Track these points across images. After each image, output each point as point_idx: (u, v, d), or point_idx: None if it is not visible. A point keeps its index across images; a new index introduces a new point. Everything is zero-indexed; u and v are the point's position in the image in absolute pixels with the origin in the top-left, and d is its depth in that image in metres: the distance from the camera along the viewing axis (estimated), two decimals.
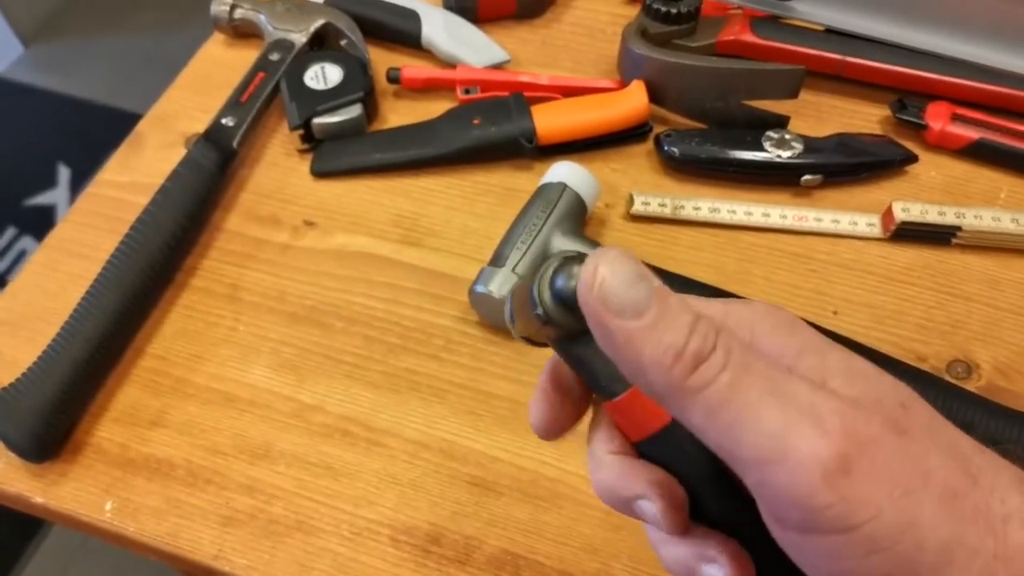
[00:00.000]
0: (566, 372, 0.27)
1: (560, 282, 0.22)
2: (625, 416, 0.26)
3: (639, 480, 0.24)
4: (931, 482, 0.20)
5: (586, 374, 0.26)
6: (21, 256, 1.60)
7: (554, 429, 0.27)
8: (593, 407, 0.28)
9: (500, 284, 0.49)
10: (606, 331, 0.20)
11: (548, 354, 0.27)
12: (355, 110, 0.60)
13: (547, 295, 0.23)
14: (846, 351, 0.23)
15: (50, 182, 1.70)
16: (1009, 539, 0.19)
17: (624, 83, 0.61)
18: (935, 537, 0.19)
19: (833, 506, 0.19)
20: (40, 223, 1.64)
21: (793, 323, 0.23)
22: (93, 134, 1.77)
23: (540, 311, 0.23)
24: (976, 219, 0.54)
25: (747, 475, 0.20)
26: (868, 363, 0.22)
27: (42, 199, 1.68)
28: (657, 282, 0.20)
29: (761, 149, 0.56)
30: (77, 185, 1.69)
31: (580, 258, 0.23)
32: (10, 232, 1.63)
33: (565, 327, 0.23)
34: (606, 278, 0.20)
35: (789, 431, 0.19)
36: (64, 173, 1.72)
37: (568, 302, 0.22)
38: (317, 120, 0.59)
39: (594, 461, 0.26)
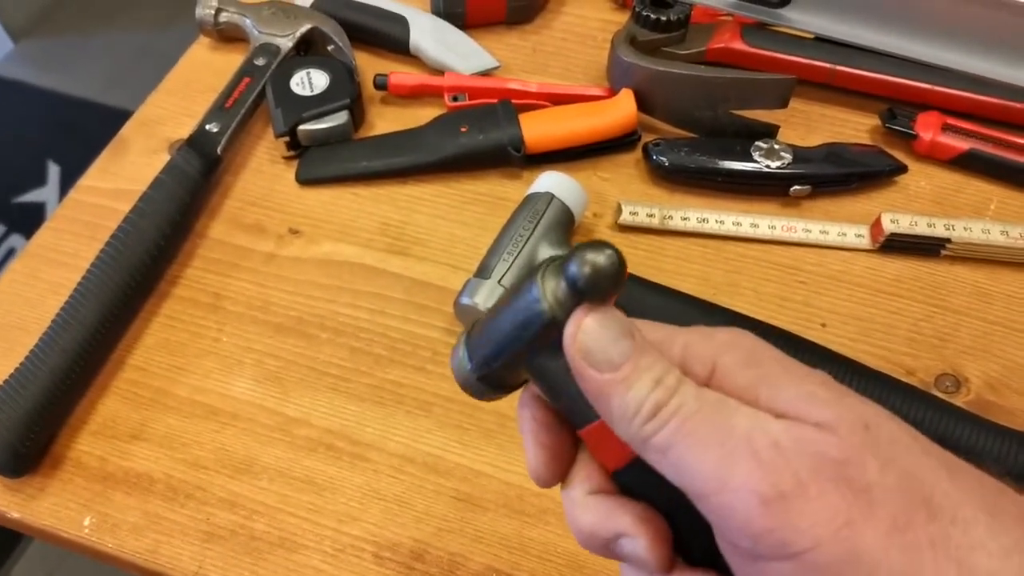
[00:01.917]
0: (545, 414, 0.27)
1: (574, 268, 0.22)
2: (604, 441, 0.25)
3: (621, 517, 0.24)
4: (877, 513, 0.20)
5: (564, 399, 0.25)
6: (10, 254, 1.59)
7: (556, 472, 0.26)
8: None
9: (486, 296, 0.48)
10: (582, 379, 0.23)
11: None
12: (341, 117, 0.59)
13: (556, 284, 0.23)
14: (808, 378, 0.23)
15: (40, 179, 1.69)
16: (976, 568, 0.19)
17: (613, 91, 0.60)
18: (887, 567, 0.19)
19: (773, 531, 0.20)
20: (29, 220, 1.63)
21: (755, 354, 0.23)
22: (83, 131, 1.76)
23: (545, 306, 0.23)
24: (966, 231, 0.53)
25: (700, 507, 0.21)
26: (828, 388, 0.22)
27: (31, 196, 1.67)
28: (639, 337, 0.22)
29: (750, 159, 0.56)
30: (67, 183, 1.68)
31: (588, 246, 0.22)
32: None
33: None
34: (589, 334, 0.22)
35: (726, 464, 0.20)
36: (54, 170, 1.70)
37: (580, 287, 0.22)
38: (303, 127, 0.59)
39: (572, 504, 0.25)
